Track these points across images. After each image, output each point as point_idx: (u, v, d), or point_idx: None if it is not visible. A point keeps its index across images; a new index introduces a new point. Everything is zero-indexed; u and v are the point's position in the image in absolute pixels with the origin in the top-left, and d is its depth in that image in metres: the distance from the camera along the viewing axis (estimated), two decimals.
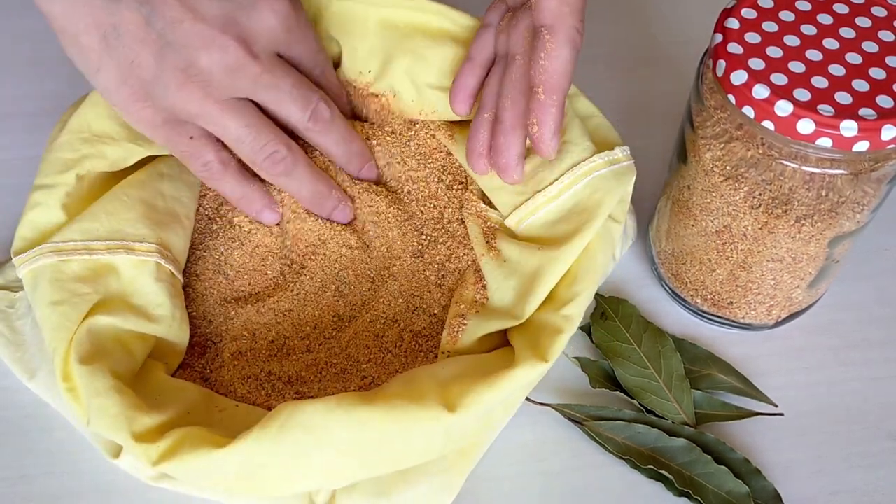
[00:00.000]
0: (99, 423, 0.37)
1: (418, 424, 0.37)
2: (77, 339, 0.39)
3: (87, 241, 0.42)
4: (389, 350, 0.44)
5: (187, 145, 0.42)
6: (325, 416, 0.36)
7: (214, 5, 0.39)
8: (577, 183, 0.42)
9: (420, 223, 0.47)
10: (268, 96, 0.42)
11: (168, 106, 0.40)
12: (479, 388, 0.37)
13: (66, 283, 0.41)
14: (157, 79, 0.39)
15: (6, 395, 0.44)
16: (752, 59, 0.38)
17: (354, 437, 0.36)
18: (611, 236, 0.43)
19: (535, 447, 0.43)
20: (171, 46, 0.39)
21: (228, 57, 0.39)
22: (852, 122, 0.36)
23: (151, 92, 0.40)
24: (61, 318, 0.40)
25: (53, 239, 0.42)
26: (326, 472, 0.37)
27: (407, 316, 0.45)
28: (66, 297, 0.41)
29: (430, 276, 0.46)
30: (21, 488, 0.42)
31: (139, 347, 0.41)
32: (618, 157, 0.43)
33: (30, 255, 0.42)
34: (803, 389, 0.46)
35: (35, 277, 0.41)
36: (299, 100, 0.43)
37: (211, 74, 0.39)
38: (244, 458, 0.36)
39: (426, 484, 0.40)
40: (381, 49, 0.47)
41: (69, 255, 0.42)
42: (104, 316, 0.40)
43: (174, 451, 0.36)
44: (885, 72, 0.38)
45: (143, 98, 0.40)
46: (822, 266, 0.44)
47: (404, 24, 0.47)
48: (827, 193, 0.39)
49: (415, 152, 0.48)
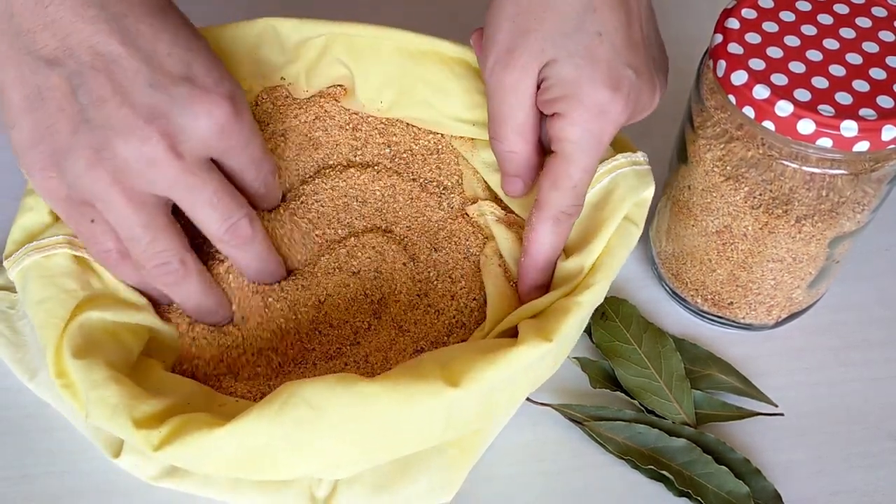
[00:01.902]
0: (98, 415, 0.37)
1: (420, 399, 0.36)
2: (69, 335, 0.39)
3: (69, 235, 0.42)
4: None
5: (87, 227, 0.39)
6: (326, 392, 0.36)
7: (147, 93, 0.36)
8: (601, 180, 0.43)
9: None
10: (184, 198, 0.38)
11: (73, 182, 0.37)
12: (480, 365, 0.37)
13: (53, 278, 0.41)
14: (69, 151, 0.36)
15: (7, 395, 0.44)
16: (752, 59, 0.38)
17: (355, 413, 0.36)
18: (629, 238, 0.42)
19: (535, 447, 0.43)
20: (89, 123, 0.36)
21: (147, 149, 0.36)
22: (852, 122, 0.36)
23: (60, 163, 0.37)
24: (47, 315, 0.40)
25: (37, 237, 0.42)
26: (327, 454, 0.37)
27: None
28: (52, 293, 0.41)
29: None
30: (22, 488, 0.42)
31: (132, 340, 0.41)
32: (639, 160, 0.43)
33: (16, 256, 0.42)
34: (804, 390, 0.46)
35: (24, 277, 0.42)
36: (219, 209, 0.39)
37: (126, 162, 0.36)
38: (244, 437, 0.35)
39: (427, 479, 0.40)
40: (396, 77, 0.48)
41: (52, 249, 0.42)
42: (94, 311, 0.40)
43: (175, 435, 0.36)
44: (885, 72, 0.38)
45: (51, 167, 0.37)
46: (823, 266, 0.44)
47: (418, 50, 0.47)
48: (827, 194, 0.39)
49: None
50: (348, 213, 0.47)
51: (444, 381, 0.36)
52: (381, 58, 0.48)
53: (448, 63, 0.47)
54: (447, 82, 0.47)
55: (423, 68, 0.47)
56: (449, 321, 0.44)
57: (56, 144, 0.36)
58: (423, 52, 0.47)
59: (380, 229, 0.47)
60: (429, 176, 0.49)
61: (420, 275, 0.46)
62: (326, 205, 0.47)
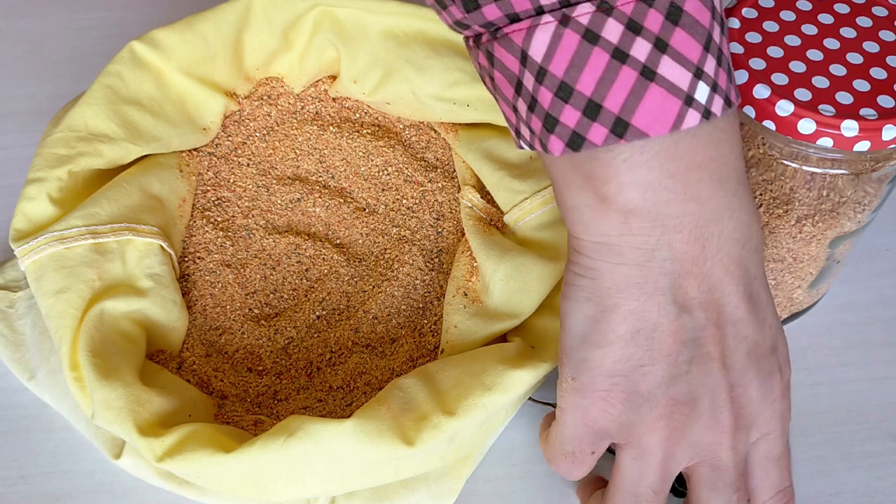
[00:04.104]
0: (103, 416, 0.37)
1: (423, 438, 0.37)
2: (84, 328, 0.39)
3: (90, 225, 0.42)
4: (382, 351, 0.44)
5: (582, 453, 0.36)
6: (332, 429, 0.36)
7: (742, 361, 0.34)
8: None
9: None
10: (703, 474, 0.36)
11: (612, 426, 0.35)
12: (478, 392, 0.38)
13: (73, 269, 0.41)
14: (648, 399, 0.34)
15: (6, 395, 0.44)
16: (752, 58, 0.38)
17: (359, 451, 0.36)
18: None
19: (535, 447, 0.43)
20: (687, 376, 0.34)
21: (721, 416, 0.34)
22: (853, 122, 0.36)
23: (633, 406, 0.34)
24: (66, 305, 0.40)
25: (55, 228, 0.42)
26: (329, 482, 0.37)
27: None
28: (70, 283, 0.41)
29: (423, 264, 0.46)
30: (21, 488, 0.42)
31: (143, 337, 0.42)
32: None
33: (32, 245, 0.42)
34: (804, 390, 0.46)
35: (40, 268, 0.41)
36: None
37: (691, 428, 0.34)
38: (250, 465, 0.36)
39: (425, 489, 0.40)
40: (382, 60, 0.48)
41: (74, 241, 0.42)
42: (110, 301, 0.41)
43: (179, 449, 0.36)
44: (885, 72, 0.38)
45: (620, 403, 0.34)
46: (823, 266, 0.43)
47: (404, 33, 0.47)
48: (828, 193, 0.39)
49: None
50: None
51: (441, 412, 0.37)
52: (369, 39, 0.48)
53: (431, 43, 0.47)
54: (428, 60, 0.47)
55: (409, 50, 0.48)
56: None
57: (638, 387, 0.34)
58: (409, 35, 0.47)
59: None
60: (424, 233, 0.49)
61: None
62: None
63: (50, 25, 0.62)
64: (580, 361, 0.35)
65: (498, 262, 0.42)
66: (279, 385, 0.43)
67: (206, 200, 0.48)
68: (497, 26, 0.32)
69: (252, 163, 0.50)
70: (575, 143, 0.31)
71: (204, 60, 0.48)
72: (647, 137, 0.30)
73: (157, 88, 0.47)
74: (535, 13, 0.30)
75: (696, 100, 0.30)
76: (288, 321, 0.45)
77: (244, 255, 0.47)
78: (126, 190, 0.44)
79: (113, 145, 0.45)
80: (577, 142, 0.31)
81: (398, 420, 0.37)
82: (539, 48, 0.30)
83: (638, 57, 0.30)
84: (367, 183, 0.49)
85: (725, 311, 0.34)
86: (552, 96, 0.31)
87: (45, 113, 0.56)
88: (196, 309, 0.45)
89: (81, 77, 0.58)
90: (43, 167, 0.43)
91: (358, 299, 0.46)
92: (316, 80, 0.51)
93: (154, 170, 0.46)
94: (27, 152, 0.53)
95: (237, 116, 0.50)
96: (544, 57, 0.30)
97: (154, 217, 0.44)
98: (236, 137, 0.50)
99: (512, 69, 0.32)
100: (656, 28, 0.30)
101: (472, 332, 0.42)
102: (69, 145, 0.44)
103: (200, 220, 0.47)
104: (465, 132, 0.48)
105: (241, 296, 0.45)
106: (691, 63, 0.30)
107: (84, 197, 0.44)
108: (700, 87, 0.30)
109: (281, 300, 0.46)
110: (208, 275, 0.46)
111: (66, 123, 0.45)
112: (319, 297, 0.45)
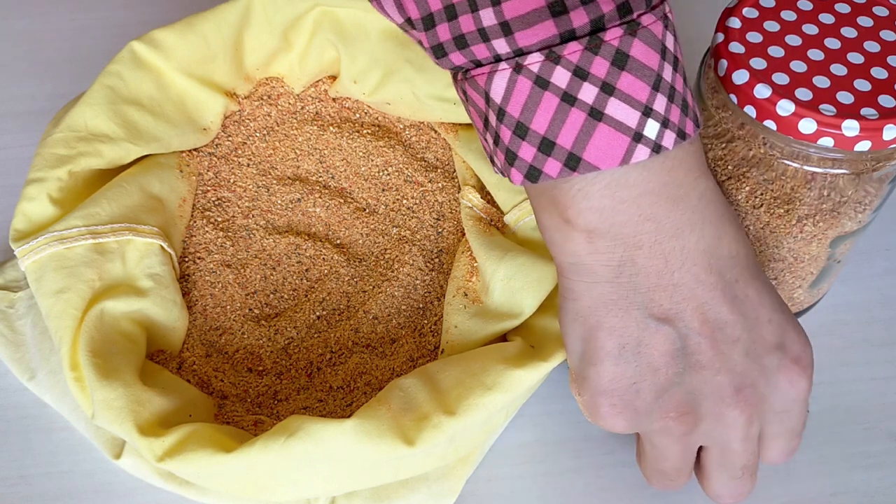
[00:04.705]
0: (103, 416, 0.37)
1: (423, 437, 0.37)
2: (85, 328, 0.39)
3: (91, 225, 0.42)
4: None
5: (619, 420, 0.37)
6: (332, 429, 0.36)
7: (741, 362, 0.35)
8: None
9: None
10: (719, 458, 0.38)
11: (636, 430, 0.37)
12: (479, 392, 0.38)
13: (73, 269, 0.41)
14: (649, 414, 0.36)
15: (6, 395, 0.44)
16: (753, 58, 0.38)
17: (359, 451, 0.36)
18: None
19: (535, 448, 0.43)
20: (680, 387, 0.35)
21: (731, 418, 0.36)
22: (854, 121, 0.36)
23: (631, 416, 0.36)
24: (66, 305, 0.40)
25: (55, 228, 0.42)
26: (330, 482, 0.37)
27: None
28: (70, 283, 0.41)
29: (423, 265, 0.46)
30: (21, 488, 0.42)
31: (143, 337, 0.42)
32: None
33: (32, 245, 0.42)
34: None
35: (40, 268, 0.41)
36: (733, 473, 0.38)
37: (705, 432, 0.36)
38: (250, 464, 0.36)
39: (426, 489, 0.40)
40: (382, 60, 0.48)
41: (74, 241, 0.42)
42: (110, 301, 0.41)
43: (180, 449, 0.36)
44: (886, 71, 0.38)
45: (625, 420, 0.36)
46: (824, 266, 0.43)
47: (404, 34, 0.47)
48: (829, 193, 0.39)
49: None
50: None
51: (442, 412, 0.37)
52: (369, 39, 0.48)
53: None
54: (428, 60, 0.47)
55: (409, 50, 0.48)
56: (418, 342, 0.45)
57: (634, 404, 0.35)
58: None
59: None
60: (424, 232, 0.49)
61: None
62: None
63: (50, 25, 0.62)
64: (582, 380, 0.36)
65: (498, 263, 0.42)
66: (279, 385, 0.43)
67: (206, 200, 0.48)
68: (465, 69, 0.34)
69: (252, 163, 0.50)
70: (532, 175, 0.33)
71: (204, 60, 0.48)
72: (599, 170, 0.32)
73: (157, 88, 0.47)
74: (494, 60, 0.33)
75: (646, 136, 0.32)
76: (288, 321, 0.45)
77: (244, 255, 0.47)
78: (126, 190, 0.44)
79: (113, 145, 0.45)
80: (534, 174, 0.33)
81: (398, 420, 0.37)
82: (498, 91, 0.32)
83: (585, 100, 0.32)
84: (367, 183, 0.49)
85: (708, 317, 0.35)
86: (511, 133, 0.33)
87: (45, 113, 0.56)
88: (196, 309, 0.45)
89: (81, 77, 0.57)
90: (43, 167, 0.43)
91: (358, 299, 0.46)
92: (316, 80, 0.51)
93: (154, 170, 0.46)
94: (27, 152, 0.53)
95: (237, 116, 0.50)
96: (503, 99, 0.33)
97: (154, 217, 0.44)
98: (236, 137, 0.50)
99: (480, 106, 0.34)
100: (602, 73, 0.31)
101: (473, 332, 0.42)
102: (69, 145, 0.44)
103: (200, 221, 0.47)
104: (465, 132, 0.48)
105: (242, 296, 0.45)
106: (639, 103, 0.32)
107: (84, 197, 0.44)
108: (649, 123, 0.32)
109: (281, 300, 0.46)
110: (208, 275, 0.46)
111: (66, 123, 0.45)
112: (320, 297, 0.45)
